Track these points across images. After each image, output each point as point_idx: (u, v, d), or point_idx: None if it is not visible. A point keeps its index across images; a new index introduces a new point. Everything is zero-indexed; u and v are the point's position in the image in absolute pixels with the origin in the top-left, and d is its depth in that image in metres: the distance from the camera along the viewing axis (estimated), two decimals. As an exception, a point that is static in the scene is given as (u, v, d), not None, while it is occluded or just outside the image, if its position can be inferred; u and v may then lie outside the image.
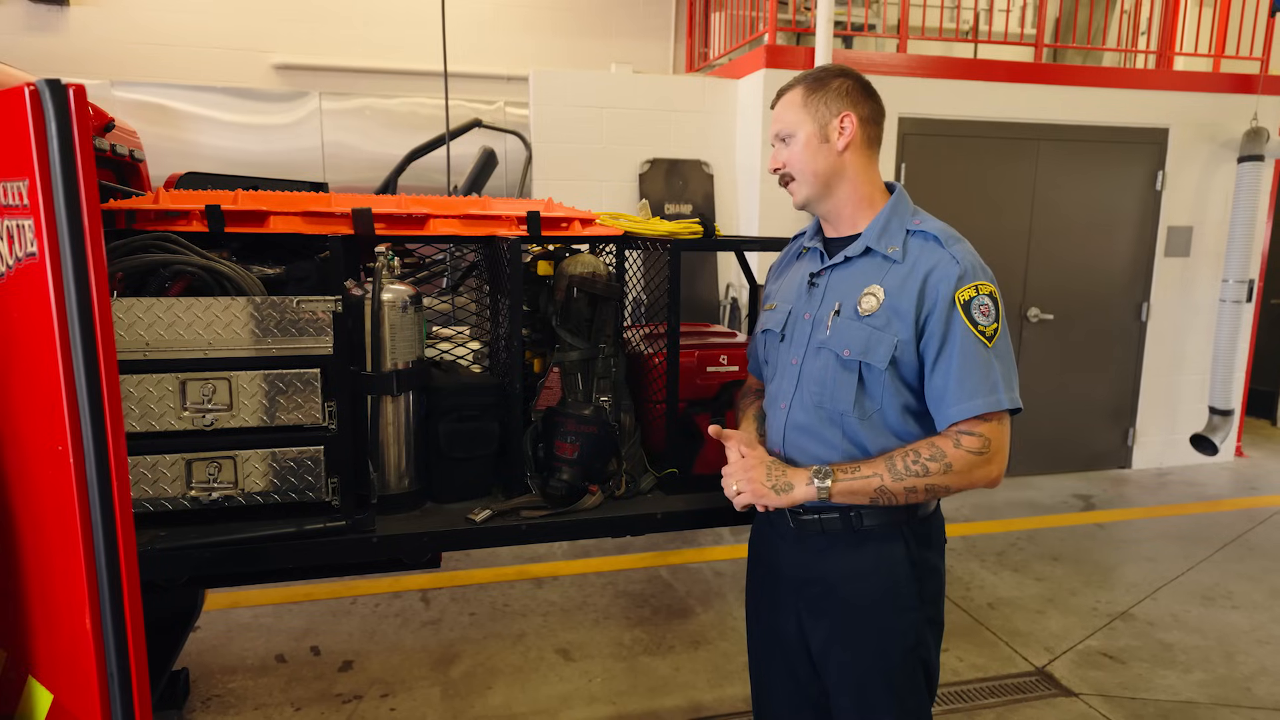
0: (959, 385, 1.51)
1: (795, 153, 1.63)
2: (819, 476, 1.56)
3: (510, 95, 5.74)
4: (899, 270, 1.57)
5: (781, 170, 1.67)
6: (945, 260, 1.55)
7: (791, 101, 1.64)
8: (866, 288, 1.58)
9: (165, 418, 1.79)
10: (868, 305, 1.57)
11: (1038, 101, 5.24)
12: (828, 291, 1.64)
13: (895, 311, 1.54)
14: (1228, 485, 5.60)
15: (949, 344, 1.52)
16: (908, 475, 1.52)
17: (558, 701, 2.99)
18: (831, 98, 1.61)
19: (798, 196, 1.67)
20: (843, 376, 1.57)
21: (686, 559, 4.21)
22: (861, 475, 1.54)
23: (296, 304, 1.84)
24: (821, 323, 1.62)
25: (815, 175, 1.62)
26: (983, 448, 1.51)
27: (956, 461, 1.51)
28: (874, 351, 1.54)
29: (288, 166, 5.27)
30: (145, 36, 5.83)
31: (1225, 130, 5.57)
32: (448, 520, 2.01)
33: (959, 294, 1.52)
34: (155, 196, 2.03)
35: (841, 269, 1.64)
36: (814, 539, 1.65)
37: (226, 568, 1.83)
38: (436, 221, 2.17)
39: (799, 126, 1.62)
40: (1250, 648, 3.42)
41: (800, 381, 1.64)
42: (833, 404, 1.59)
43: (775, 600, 1.76)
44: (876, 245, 1.60)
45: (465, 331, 2.67)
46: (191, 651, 3.21)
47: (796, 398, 1.64)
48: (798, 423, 1.63)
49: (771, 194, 5.00)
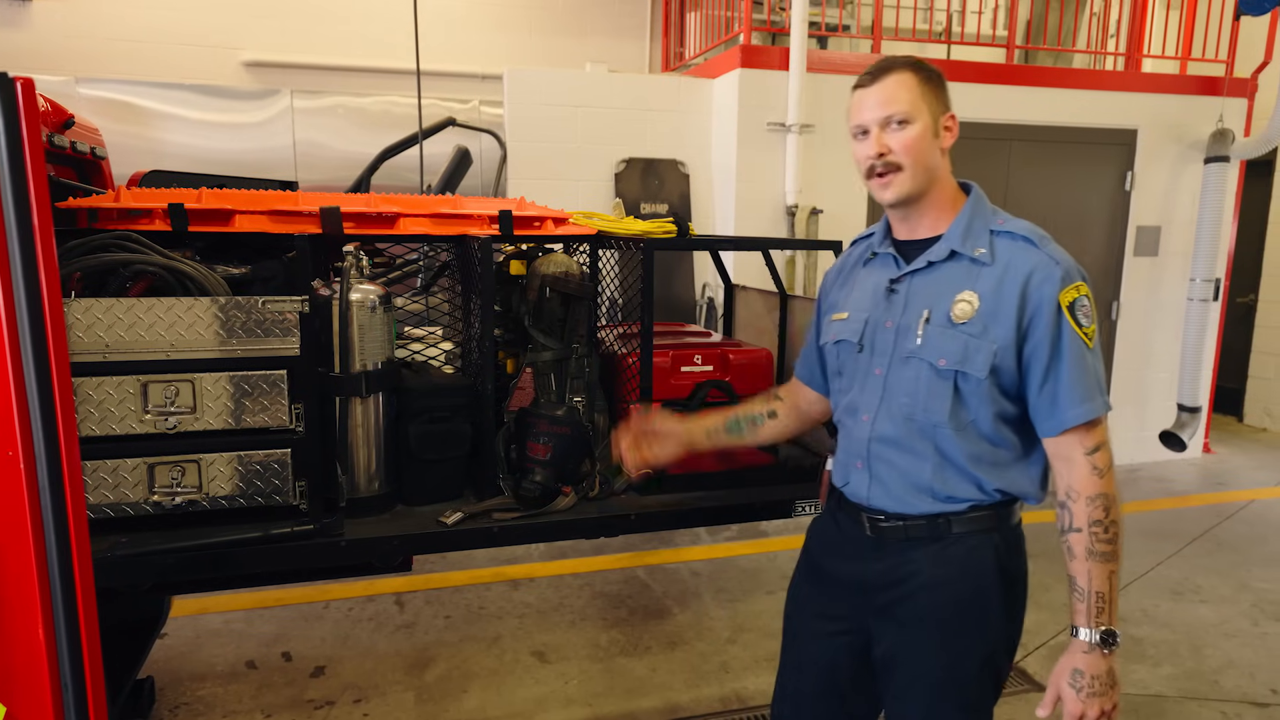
0: (1071, 391, 1.43)
1: (910, 140, 1.47)
2: (1095, 638, 1.43)
3: (485, 94, 5.70)
4: (990, 273, 1.48)
5: (887, 156, 1.49)
6: (1045, 262, 1.46)
7: (907, 84, 1.48)
8: (959, 294, 1.49)
9: (126, 421, 1.75)
10: (961, 312, 1.48)
11: (1009, 102, 5.30)
12: (910, 298, 1.54)
13: (993, 317, 1.45)
14: (1196, 481, 5.68)
15: (1060, 349, 1.44)
16: (1113, 543, 1.43)
17: (533, 704, 2.97)
18: (941, 93, 1.52)
19: (899, 190, 1.51)
20: (937, 387, 1.48)
21: (664, 559, 4.20)
22: (1106, 585, 1.43)
23: (262, 304, 1.81)
24: (908, 331, 1.52)
25: (925, 170, 1.50)
26: (1110, 459, 1.46)
27: (1108, 488, 1.44)
28: (972, 360, 1.45)
29: (259, 165, 5.20)
30: (111, 32, 5.72)
31: (1192, 131, 5.66)
32: (419, 523, 1.99)
33: (1063, 296, 1.44)
34: (117, 195, 1.99)
35: (924, 274, 1.54)
36: (894, 545, 1.56)
37: (191, 573, 1.80)
38: (407, 220, 2.14)
39: (918, 114, 1.48)
40: (1218, 641, 3.47)
41: (886, 392, 1.54)
42: (925, 415, 1.50)
43: (833, 604, 1.67)
44: (962, 248, 1.51)
45: (437, 332, 2.65)
46: (159, 659, 3.15)
47: (883, 409, 1.54)
48: (884, 435, 1.54)
49: (748, 194, 5.01)
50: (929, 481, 1.51)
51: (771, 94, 4.92)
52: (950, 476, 1.51)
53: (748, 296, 2.99)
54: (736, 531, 4.58)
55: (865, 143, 1.52)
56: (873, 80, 1.51)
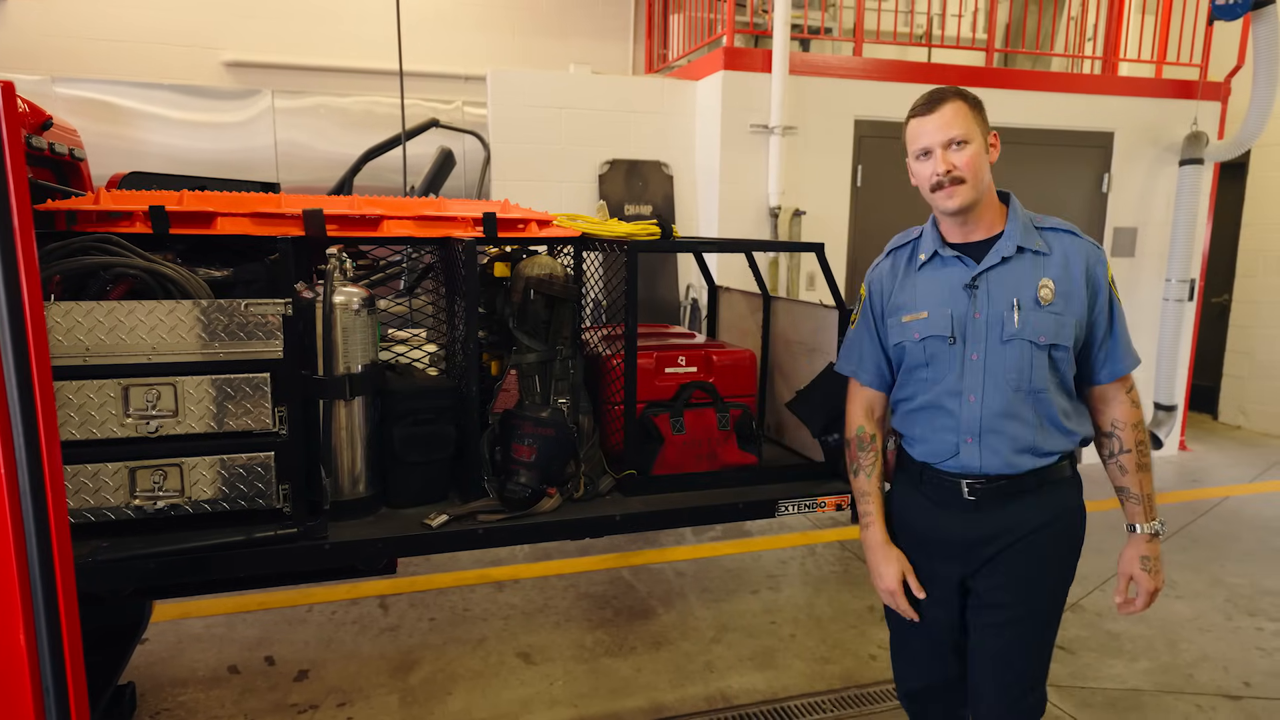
0: (1124, 346, 1.83)
1: (970, 157, 1.75)
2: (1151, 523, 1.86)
3: (468, 95, 5.70)
4: (1053, 262, 1.79)
5: (954, 172, 1.75)
6: (1093, 249, 1.82)
7: (962, 111, 1.77)
8: (1040, 281, 1.77)
9: (107, 425, 1.74)
10: (1045, 295, 1.77)
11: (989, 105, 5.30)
12: (992, 291, 1.79)
13: (1068, 298, 1.77)
14: (1172, 478, 5.76)
15: (1114, 316, 1.82)
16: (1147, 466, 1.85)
17: (518, 705, 2.97)
18: (984, 116, 1.82)
19: (962, 199, 1.76)
20: (1039, 359, 1.77)
21: (649, 560, 4.21)
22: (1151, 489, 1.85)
23: (245, 307, 1.80)
24: (999, 318, 1.78)
25: (981, 182, 1.78)
26: (1138, 399, 1.86)
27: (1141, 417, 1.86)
28: (1063, 333, 1.76)
29: (240, 166, 5.16)
30: (89, 31, 5.67)
31: (1167, 134, 5.74)
32: (403, 525, 1.99)
33: (1109, 275, 1.83)
34: (96, 197, 1.97)
35: (999, 269, 1.79)
36: (992, 503, 1.83)
37: (173, 578, 1.79)
38: (390, 223, 2.14)
39: (973, 135, 1.76)
40: (1193, 636, 3.53)
41: (989, 372, 1.79)
42: (1030, 385, 1.77)
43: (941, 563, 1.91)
44: (1026, 243, 1.80)
45: (421, 334, 2.64)
46: (140, 664, 3.12)
47: (989, 387, 1.79)
48: (995, 409, 1.79)
49: (731, 195, 5.03)
50: (1034, 441, 1.79)
51: (754, 96, 4.95)
52: (1049, 433, 1.80)
53: (731, 298, 3.01)
54: (721, 532, 4.60)
55: (929, 162, 1.79)
56: (930, 109, 1.78)
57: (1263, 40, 5.19)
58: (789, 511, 2.21)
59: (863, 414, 1.99)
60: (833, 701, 3.02)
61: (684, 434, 2.29)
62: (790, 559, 4.27)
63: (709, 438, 2.33)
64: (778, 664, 3.27)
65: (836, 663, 3.28)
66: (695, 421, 2.31)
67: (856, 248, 5.28)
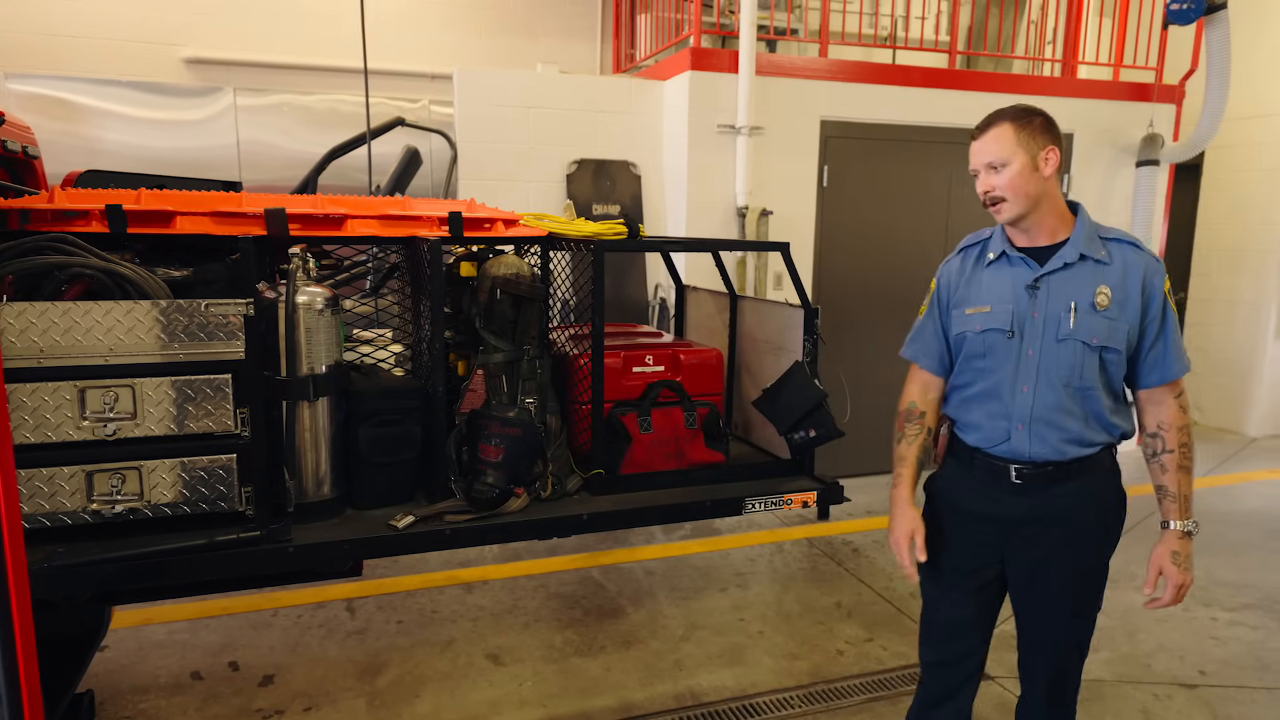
0: (1174, 353, 1.94)
1: (1008, 179, 1.90)
2: (1184, 522, 1.95)
3: (435, 94, 5.65)
4: (1113, 271, 1.91)
5: (992, 192, 1.92)
6: (1152, 261, 1.93)
7: (1003, 136, 1.90)
8: (1098, 287, 1.90)
9: (63, 428, 1.71)
10: (1101, 301, 1.90)
11: (952, 106, 5.43)
12: (1052, 293, 1.93)
13: (1123, 304, 1.90)
14: (1129, 472, 5.81)
15: (1166, 325, 1.93)
16: (1188, 465, 1.96)
17: (487, 707, 2.96)
18: (1037, 133, 1.90)
19: (1007, 214, 1.93)
20: (1090, 359, 1.90)
21: (618, 559, 4.22)
22: (1189, 489, 1.96)
23: (205, 307, 1.78)
24: (1056, 318, 1.92)
25: (1027, 197, 1.91)
26: (1188, 403, 1.97)
27: (1188, 421, 1.97)
28: (1114, 337, 1.89)
29: (201, 165, 5.07)
30: (43, 27, 5.53)
31: (1124, 136, 5.87)
32: (369, 527, 1.97)
33: (1165, 286, 1.93)
34: (51, 195, 1.93)
35: (1060, 274, 1.93)
36: (1037, 487, 1.96)
37: (133, 583, 1.76)
38: (354, 222, 2.13)
39: (1013, 157, 1.89)
40: (1150, 626, 3.61)
41: (1042, 367, 1.93)
42: (1080, 381, 1.91)
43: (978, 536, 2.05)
44: (1089, 252, 1.92)
45: (387, 335, 2.62)
46: (99, 672, 3.06)
47: (1042, 380, 1.93)
48: (1046, 401, 1.93)
49: (699, 195, 5.05)
50: (1080, 432, 1.93)
51: (721, 96, 4.97)
52: (1094, 426, 1.94)
53: (699, 297, 3.02)
54: (690, 530, 4.62)
55: (978, 183, 1.96)
56: (980, 133, 1.95)
57: (1215, 44, 5.33)
58: (756, 509, 2.23)
59: (918, 392, 2.13)
60: (801, 697, 3.05)
61: (651, 433, 2.30)
62: (759, 557, 4.30)
63: (676, 436, 2.34)
64: (746, 661, 3.29)
65: (805, 659, 3.31)
66: (663, 420, 2.33)
67: (823, 247, 5.33)
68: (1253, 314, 6.76)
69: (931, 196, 5.44)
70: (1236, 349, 6.89)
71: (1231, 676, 3.22)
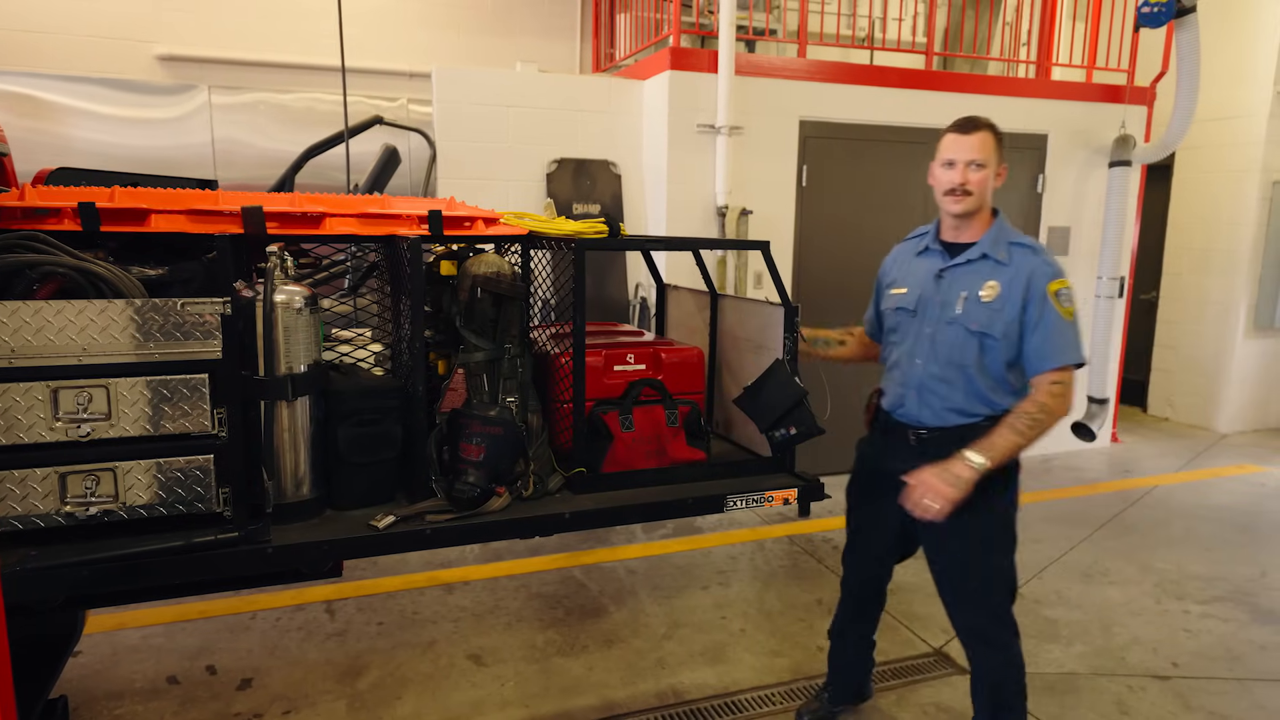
0: (1049, 347, 2.15)
1: (982, 178, 2.20)
2: (976, 455, 2.12)
3: (413, 92, 5.62)
4: (1007, 271, 2.20)
5: (966, 185, 2.20)
6: (1041, 266, 2.19)
7: (988, 141, 2.21)
8: (986, 282, 2.20)
9: (35, 429, 1.68)
10: (988, 294, 2.19)
11: (929, 107, 5.48)
12: (953, 283, 2.25)
13: (1006, 300, 2.17)
14: (1105, 469, 5.98)
15: (1044, 322, 2.15)
16: (1028, 429, 2.15)
17: (469, 708, 2.95)
18: (1001, 148, 2.25)
19: (964, 207, 2.22)
20: (970, 341, 2.20)
21: (600, 558, 4.21)
22: (1003, 442, 2.14)
23: (181, 306, 1.75)
24: (950, 304, 2.23)
25: (983, 198, 2.23)
26: (1062, 391, 2.16)
27: (1049, 402, 2.15)
28: (994, 326, 2.18)
29: (175, 163, 5.01)
30: (11, 22, 5.43)
31: (1097, 137, 5.96)
32: (349, 527, 1.96)
33: (1050, 286, 2.16)
34: (22, 193, 1.90)
35: (963, 267, 2.25)
36: (932, 449, 2.23)
37: (108, 586, 1.73)
38: (333, 220, 2.11)
39: (990, 160, 2.21)
40: (1125, 620, 3.67)
41: (934, 345, 2.25)
42: (961, 359, 2.21)
43: (883, 492, 2.34)
44: (990, 253, 2.23)
45: (366, 334, 2.60)
46: (73, 677, 3.01)
47: (932, 355, 2.25)
48: (932, 373, 2.25)
49: (679, 195, 5.06)
50: (961, 404, 2.24)
51: (701, 96, 4.98)
52: (973, 400, 2.23)
53: (679, 296, 3.03)
54: (671, 529, 4.62)
55: (951, 172, 2.22)
56: (967, 131, 2.22)
57: (1185, 47, 5.42)
58: (737, 506, 2.24)
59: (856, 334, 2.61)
60: (782, 694, 3.06)
61: (633, 431, 2.31)
62: (740, 555, 4.32)
63: (658, 435, 2.34)
64: (728, 658, 3.30)
65: (786, 655, 3.33)
66: (644, 419, 2.33)
67: (802, 246, 5.35)
68: (1222, 313, 6.89)
69: (908, 196, 5.49)
70: (1206, 347, 7.02)
71: (1203, 668, 3.28)
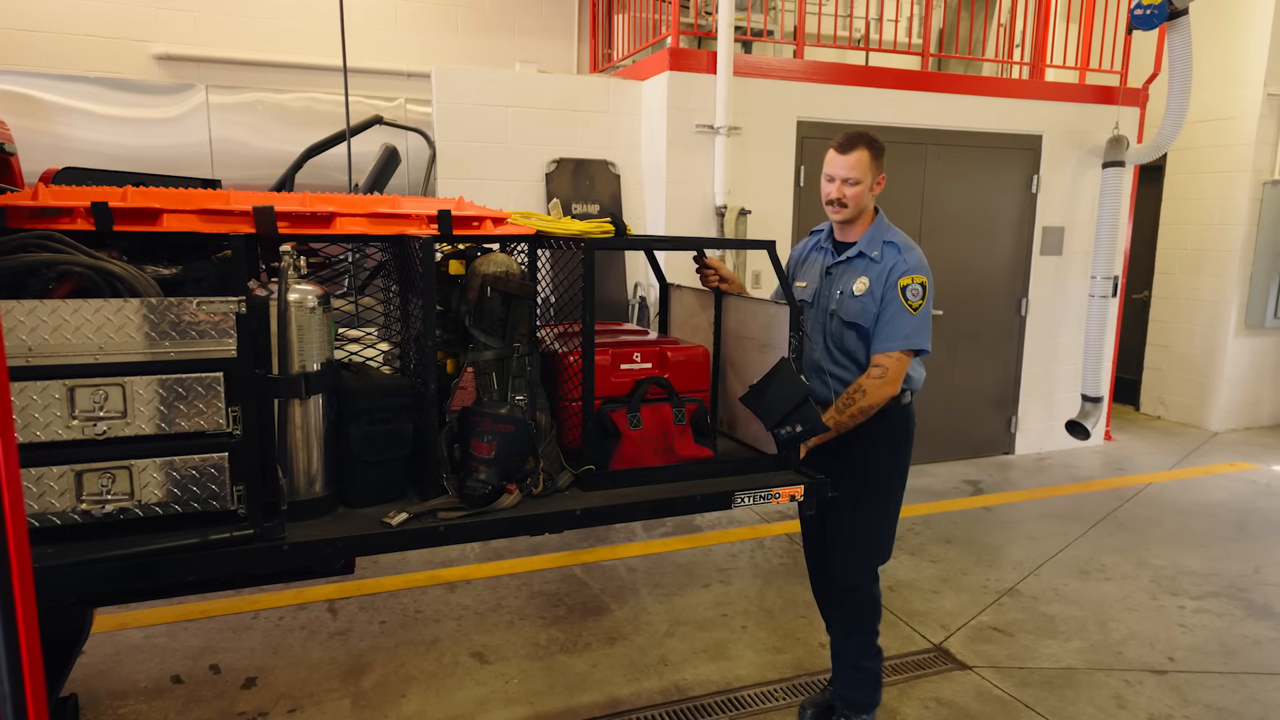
0: (887, 333, 2.49)
1: (857, 192, 2.52)
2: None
3: (412, 92, 5.62)
4: (877, 267, 2.52)
5: (842, 199, 2.53)
6: (900, 262, 2.51)
7: (863, 159, 2.50)
8: (860, 278, 2.54)
9: (52, 427, 1.69)
10: (859, 289, 2.53)
11: (925, 108, 5.52)
12: (837, 279, 2.60)
13: (872, 294, 2.50)
14: (1099, 467, 6.04)
15: (888, 310, 2.48)
16: (845, 406, 2.50)
17: (474, 705, 2.96)
18: (880, 162, 2.54)
19: (841, 216, 2.56)
20: (846, 330, 2.56)
21: (600, 557, 4.24)
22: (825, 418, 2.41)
23: (197, 305, 1.76)
24: (833, 297, 2.59)
25: (860, 208, 2.56)
26: (881, 374, 2.49)
27: (865, 383, 2.50)
28: (864, 316, 2.52)
29: (172, 163, 4.99)
30: (8, 21, 5.42)
31: (1091, 138, 6.01)
32: (362, 524, 1.97)
33: (901, 282, 2.48)
34: (35, 193, 1.91)
35: (844, 264, 2.60)
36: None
37: (123, 583, 1.74)
38: (343, 220, 2.12)
39: (865, 177, 2.51)
40: (1121, 615, 3.71)
41: (826, 333, 2.61)
42: (841, 345, 2.59)
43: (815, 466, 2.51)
44: (866, 251, 2.56)
45: (373, 333, 2.61)
46: (77, 677, 3.01)
47: (821, 342, 2.62)
48: (825, 357, 2.62)
49: (678, 194, 5.09)
50: (848, 384, 2.55)
51: (699, 96, 5.01)
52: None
53: (682, 295, 3.05)
54: (671, 527, 4.65)
55: (830, 186, 2.56)
56: (845, 150, 2.52)
57: (1177, 49, 5.47)
58: (745, 503, 2.26)
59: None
60: (784, 690, 3.09)
61: (641, 429, 2.32)
62: (740, 553, 4.35)
63: (665, 432, 2.36)
64: (730, 655, 3.32)
65: (787, 652, 3.36)
66: (651, 417, 2.35)
67: (800, 246, 5.38)
68: (1214, 312, 6.96)
69: (904, 196, 5.53)
70: (1198, 346, 7.09)
71: (1199, 662, 3.32)
